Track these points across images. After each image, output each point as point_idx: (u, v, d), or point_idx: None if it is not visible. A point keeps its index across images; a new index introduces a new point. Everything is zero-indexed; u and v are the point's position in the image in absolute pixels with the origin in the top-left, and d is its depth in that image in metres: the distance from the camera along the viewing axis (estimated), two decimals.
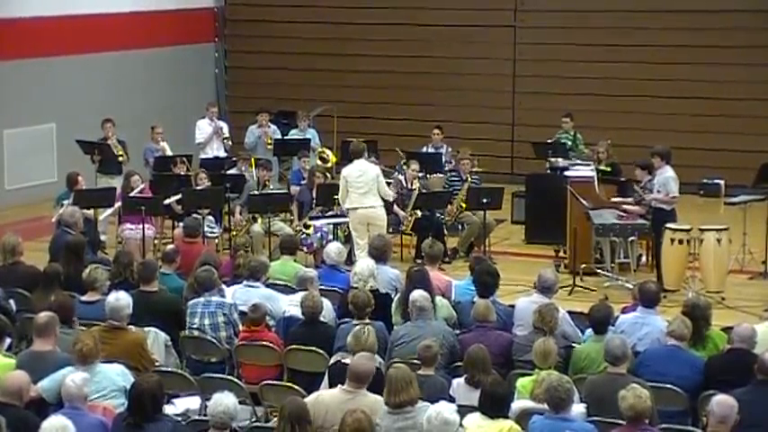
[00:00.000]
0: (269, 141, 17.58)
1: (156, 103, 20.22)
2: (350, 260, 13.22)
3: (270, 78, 21.74)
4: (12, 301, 10.44)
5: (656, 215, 13.71)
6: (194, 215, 14.02)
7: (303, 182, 15.93)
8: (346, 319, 9.89)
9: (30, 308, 10.12)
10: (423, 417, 7.35)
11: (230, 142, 17.71)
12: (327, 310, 10.07)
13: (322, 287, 10.72)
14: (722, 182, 17.79)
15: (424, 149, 17.33)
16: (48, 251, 12.39)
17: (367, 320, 9.56)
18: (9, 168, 18.51)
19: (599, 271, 14.12)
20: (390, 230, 14.82)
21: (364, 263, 10.84)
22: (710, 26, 19.13)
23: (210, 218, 15.04)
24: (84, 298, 10.15)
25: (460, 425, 7.40)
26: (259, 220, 15.13)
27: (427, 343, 8.66)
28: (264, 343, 9.76)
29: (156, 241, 15.20)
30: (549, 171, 16.66)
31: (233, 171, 16.23)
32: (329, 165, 16.83)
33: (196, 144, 17.56)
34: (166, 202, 14.80)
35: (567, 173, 15.25)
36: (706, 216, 14.60)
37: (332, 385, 8.43)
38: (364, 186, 13.77)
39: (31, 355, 8.69)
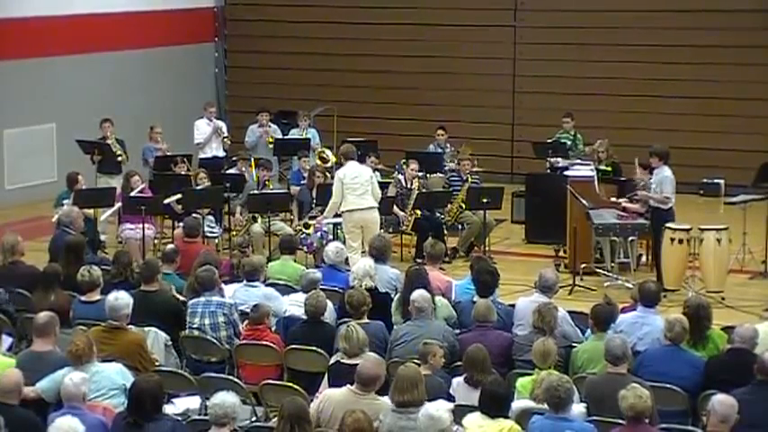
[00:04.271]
0: (270, 141, 17.57)
1: (156, 103, 20.21)
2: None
3: (270, 78, 21.73)
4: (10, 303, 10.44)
5: (655, 215, 13.70)
6: (194, 215, 14.01)
7: (303, 182, 15.92)
8: (345, 319, 9.88)
9: (29, 308, 10.11)
10: None
11: (229, 141, 17.71)
12: (329, 311, 10.07)
13: (322, 287, 10.71)
14: (722, 182, 17.82)
15: (431, 147, 17.34)
16: (48, 251, 12.38)
17: (364, 320, 9.58)
18: (9, 168, 18.52)
19: (599, 271, 14.11)
20: (390, 230, 14.82)
21: (363, 262, 10.84)
22: (711, 26, 19.11)
23: (210, 218, 15.04)
24: (83, 298, 10.13)
25: (461, 425, 7.39)
26: (259, 220, 15.12)
27: (427, 342, 8.65)
28: (265, 343, 9.76)
29: (155, 241, 15.20)
30: (549, 171, 16.67)
31: (233, 171, 16.22)
32: (329, 165, 16.81)
33: (195, 144, 17.56)
34: (166, 201, 14.80)
35: (566, 173, 15.24)
36: (706, 216, 14.61)
37: (332, 385, 8.43)
38: (361, 187, 13.64)
39: (30, 356, 8.68)
